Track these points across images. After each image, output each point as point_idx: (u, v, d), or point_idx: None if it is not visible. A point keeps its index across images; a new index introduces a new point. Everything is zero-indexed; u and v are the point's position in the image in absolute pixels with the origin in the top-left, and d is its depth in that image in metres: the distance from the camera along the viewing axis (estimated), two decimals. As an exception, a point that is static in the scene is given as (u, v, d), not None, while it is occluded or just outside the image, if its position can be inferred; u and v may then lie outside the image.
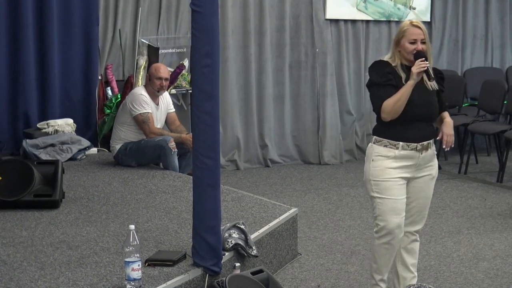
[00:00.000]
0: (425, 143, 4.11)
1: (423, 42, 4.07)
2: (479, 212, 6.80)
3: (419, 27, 4.09)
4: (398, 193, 4.11)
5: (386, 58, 4.17)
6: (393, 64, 4.11)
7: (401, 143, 4.08)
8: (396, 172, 4.09)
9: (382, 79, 4.08)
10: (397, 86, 4.06)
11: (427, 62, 4.00)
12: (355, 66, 9.28)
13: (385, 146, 4.10)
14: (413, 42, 4.06)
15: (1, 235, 4.81)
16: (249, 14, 8.61)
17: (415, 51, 4.04)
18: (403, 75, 4.08)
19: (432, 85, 4.09)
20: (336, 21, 9.10)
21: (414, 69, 3.99)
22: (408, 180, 4.15)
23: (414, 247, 4.34)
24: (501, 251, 5.63)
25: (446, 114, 4.22)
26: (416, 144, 4.09)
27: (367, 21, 9.28)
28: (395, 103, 4.03)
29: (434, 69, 4.13)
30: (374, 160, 4.13)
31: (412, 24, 4.10)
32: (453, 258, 5.47)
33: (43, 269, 4.16)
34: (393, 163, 4.09)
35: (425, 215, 4.29)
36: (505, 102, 8.53)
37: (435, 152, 4.22)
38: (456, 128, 9.07)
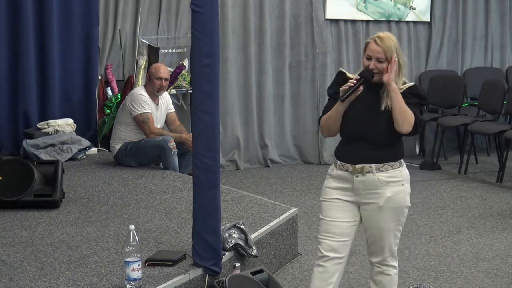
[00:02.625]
0: (359, 166, 3.71)
1: (379, 61, 3.67)
2: (479, 212, 6.80)
3: (379, 45, 3.67)
4: (334, 214, 3.78)
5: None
6: (354, 77, 3.75)
7: (338, 162, 3.80)
8: (334, 193, 3.80)
9: (329, 91, 3.88)
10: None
11: (352, 84, 3.64)
12: (355, 66, 9.27)
13: (333, 163, 3.85)
14: (369, 58, 3.71)
15: (1, 235, 4.81)
16: (249, 14, 8.61)
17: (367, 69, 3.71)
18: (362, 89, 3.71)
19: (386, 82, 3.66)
20: (336, 21, 9.10)
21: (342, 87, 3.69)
22: (359, 205, 3.79)
23: (382, 280, 3.89)
24: (501, 251, 5.63)
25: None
26: (349, 165, 3.75)
27: (367, 21, 9.28)
28: (326, 119, 3.80)
29: (411, 88, 3.73)
30: (326, 179, 3.90)
31: (374, 39, 3.70)
32: (453, 258, 5.47)
33: (43, 269, 4.16)
34: (333, 182, 3.82)
35: (383, 247, 3.81)
36: (505, 102, 8.53)
37: (389, 180, 3.72)
38: (456, 128, 9.10)
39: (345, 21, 9.16)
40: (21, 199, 5.38)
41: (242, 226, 4.69)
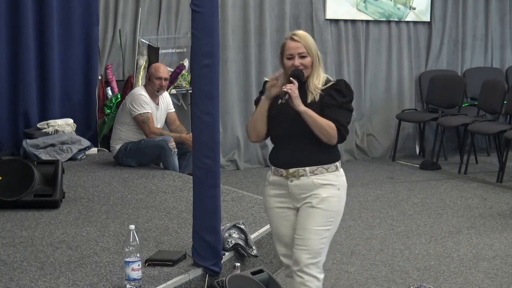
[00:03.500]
0: (292, 170, 3.58)
1: (302, 56, 3.57)
2: (479, 212, 6.80)
3: (298, 40, 3.57)
4: (280, 224, 3.67)
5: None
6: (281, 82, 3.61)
7: (272, 167, 3.69)
8: (273, 201, 3.68)
9: (256, 98, 3.76)
10: (271, 107, 3.62)
11: (291, 85, 3.50)
12: (355, 66, 9.28)
13: (270, 170, 3.72)
14: (290, 57, 3.58)
15: (1, 235, 4.81)
16: (249, 14, 8.61)
17: (293, 68, 3.57)
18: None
19: (279, 102, 3.51)
20: (336, 21, 9.10)
21: (284, 88, 3.51)
22: (297, 210, 3.65)
23: None
24: (501, 251, 5.63)
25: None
26: (282, 170, 3.62)
27: (367, 21, 9.28)
28: (252, 122, 3.69)
29: (336, 84, 3.63)
30: (264, 186, 3.77)
31: (291, 37, 3.60)
32: (453, 258, 5.47)
33: (43, 269, 4.16)
34: (270, 189, 3.70)
35: (307, 251, 3.55)
36: (505, 102, 8.53)
37: (325, 183, 3.60)
38: (456, 128, 9.10)
39: (345, 21, 9.15)
40: (21, 199, 5.38)
41: (242, 226, 4.69)
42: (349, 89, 3.65)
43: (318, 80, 3.60)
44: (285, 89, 3.49)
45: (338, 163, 3.68)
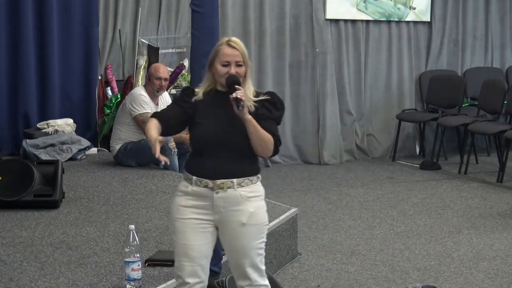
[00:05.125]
0: (219, 181, 3.35)
1: (239, 65, 3.40)
2: (479, 212, 6.80)
3: (236, 48, 3.42)
4: (191, 237, 3.40)
5: (203, 82, 3.52)
6: (203, 90, 3.47)
7: (194, 177, 3.40)
8: (189, 212, 3.39)
9: (177, 100, 3.56)
10: (189, 112, 3.46)
11: (242, 91, 3.31)
12: (355, 66, 9.28)
13: (185, 179, 3.46)
14: (226, 64, 3.40)
15: (1, 235, 4.81)
16: (249, 14, 8.61)
17: (227, 75, 3.38)
18: (210, 101, 3.43)
19: (237, 111, 3.30)
20: (336, 21, 9.10)
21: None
22: (218, 225, 3.43)
23: None
24: (501, 251, 5.63)
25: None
26: (208, 181, 3.39)
27: (367, 21, 9.28)
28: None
29: (270, 97, 3.45)
30: (174, 196, 3.49)
31: (227, 43, 3.44)
32: (453, 258, 5.47)
33: (43, 269, 4.16)
34: (187, 200, 3.41)
35: (251, 268, 3.42)
36: (505, 102, 8.53)
37: (251, 195, 3.41)
38: (456, 128, 9.10)
39: (345, 21, 9.16)
40: (21, 199, 5.38)
41: (242, 226, 4.68)
42: (282, 103, 3.51)
43: (250, 91, 3.42)
44: (238, 96, 3.28)
45: (259, 174, 3.49)
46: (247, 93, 3.38)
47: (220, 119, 3.40)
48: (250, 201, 3.40)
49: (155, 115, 3.52)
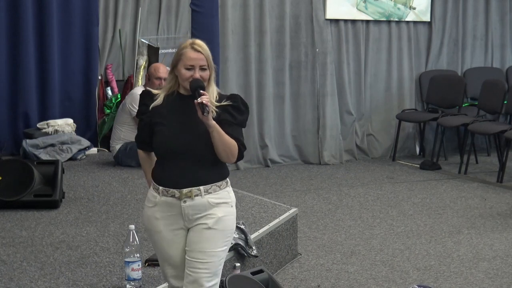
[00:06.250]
0: (186, 190, 3.30)
1: (203, 69, 3.31)
2: (479, 212, 6.80)
3: (200, 51, 3.32)
4: (167, 248, 3.38)
5: (166, 83, 3.46)
6: (164, 93, 3.41)
7: (160, 188, 3.35)
8: (161, 224, 3.35)
9: (140, 115, 3.51)
10: (154, 121, 3.38)
11: (207, 96, 3.25)
12: (355, 66, 9.28)
13: (153, 189, 3.40)
14: (190, 68, 3.31)
15: (1, 235, 4.81)
16: (249, 14, 8.61)
17: (191, 79, 3.31)
18: (171, 106, 3.37)
19: (201, 116, 3.23)
20: (336, 21, 9.10)
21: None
22: (187, 231, 3.37)
23: None
24: (501, 251, 5.63)
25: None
26: (174, 190, 3.32)
27: (367, 21, 9.28)
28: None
29: (232, 100, 3.38)
30: (145, 206, 3.45)
31: (192, 46, 3.33)
32: (453, 258, 5.47)
33: (43, 269, 4.16)
34: (158, 212, 3.36)
35: (207, 273, 3.31)
36: (505, 102, 8.53)
37: (219, 201, 3.36)
38: (456, 128, 9.10)
39: (345, 21, 9.15)
40: (21, 199, 5.38)
41: (242, 226, 4.69)
42: (246, 106, 3.43)
43: (213, 95, 3.35)
44: (204, 101, 3.22)
45: (228, 179, 3.45)
46: (210, 98, 3.30)
47: (182, 124, 3.33)
48: (219, 206, 3.35)
49: (139, 145, 3.59)
